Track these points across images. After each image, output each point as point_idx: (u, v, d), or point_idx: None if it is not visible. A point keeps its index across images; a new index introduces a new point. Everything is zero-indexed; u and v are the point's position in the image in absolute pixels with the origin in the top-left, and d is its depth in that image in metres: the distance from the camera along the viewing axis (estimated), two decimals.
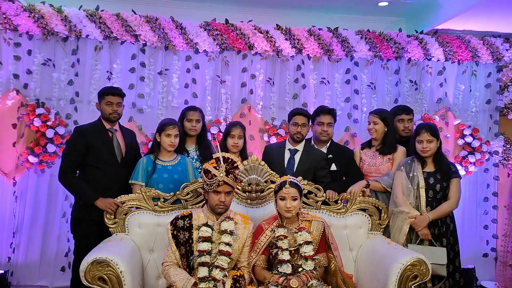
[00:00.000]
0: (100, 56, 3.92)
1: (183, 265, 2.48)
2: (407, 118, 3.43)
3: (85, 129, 3.04)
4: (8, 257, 3.75)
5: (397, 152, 3.23)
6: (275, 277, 2.47)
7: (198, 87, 4.11)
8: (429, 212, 2.94)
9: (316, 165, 3.17)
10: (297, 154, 3.22)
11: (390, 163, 3.22)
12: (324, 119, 3.28)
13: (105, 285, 2.33)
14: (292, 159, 3.21)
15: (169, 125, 3.00)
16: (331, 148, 3.34)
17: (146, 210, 2.88)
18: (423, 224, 2.90)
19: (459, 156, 4.37)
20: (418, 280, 2.51)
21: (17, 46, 3.79)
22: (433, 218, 2.91)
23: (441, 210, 2.94)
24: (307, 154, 3.20)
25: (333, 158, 3.28)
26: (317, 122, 3.31)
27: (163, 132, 2.99)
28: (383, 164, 3.23)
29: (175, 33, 3.99)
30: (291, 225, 2.63)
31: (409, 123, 3.45)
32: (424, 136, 2.97)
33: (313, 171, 3.16)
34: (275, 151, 3.28)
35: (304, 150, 3.22)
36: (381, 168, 3.23)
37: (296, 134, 3.19)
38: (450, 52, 4.36)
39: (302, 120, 3.21)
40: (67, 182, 2.98)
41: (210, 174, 2.47)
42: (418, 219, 2.91)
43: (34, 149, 3.73)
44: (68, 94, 3.86)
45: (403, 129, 3.43)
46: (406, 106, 3.61)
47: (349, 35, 4.25)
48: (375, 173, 3.25)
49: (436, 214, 2.93)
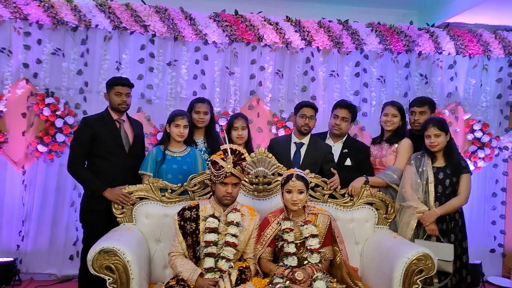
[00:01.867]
0: (109, 46, 3.92)
1: (189, 255, 2.50)
2: (418, 110, 3.28)
3: (92, 120, 3.04)
4: (17, 245, 3.81)
5: (401, 144, 3.16)
6: (281, 269, 2.49)
7: (206, 79, 4.10)
8: (438, 208, 2.91)
9: (322, 158, 3.15)
10: (303, 148, 3.20)
11: (394, 155, 3.17)
12: (340, 112, 3.22)
13: (112, 274, 2.35)
14: (298, 153, 3.19)
15: (178, 115, 3.01)
16: (347, 143, 3.28)
17: (153, 201, 2.90)
18: (430, 219, 2.88)
19: (468, 151, 4.34)
20: (423, 275, 2.51)
21: (27, 35, 3.81)
22: (441, 213, 2.89)
23: (450, 206, 2.91)
24: (313, 147, 3.18)
25: (348, 153, 3.24)
26: (333, 115, 3.27)
27: (173, 122, 3.01)
28: (387, 156, 3.20)
29: (184, 24, 3.98)
30: (297, 218, 2.63)
31: (421, 116, 3.26)
32: (431, 130, 2.93)
33: (320, 165, 3.15)
34: (281, 144, 3.26)
35: (310, 143, 3.19)
36: (384, 160, 3.20)
37: (303, 126, 3.16)
38: (461, 46, 4.30)
39: (310, 112, 3.18)
40: (75, 173, 2.99)
41: (217, 166, 2.48)
42: (425, 214, 2.89)
43: (43, 138, 3.76)
44: (77, 84, 3.88)
45: (413, 121, 3.32)
46: (422, 98, 3.41)
47: (359, 27, 4.21)
48: (379, 165, 3.23)
49: (445, 209, 2.90)
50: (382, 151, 3.24)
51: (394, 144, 3.19)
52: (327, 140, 3.32)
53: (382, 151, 3.24)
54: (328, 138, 3.34)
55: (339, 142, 3.28)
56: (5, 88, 3.74)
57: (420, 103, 3.30)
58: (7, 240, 3.82)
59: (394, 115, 3.20)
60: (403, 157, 3.13)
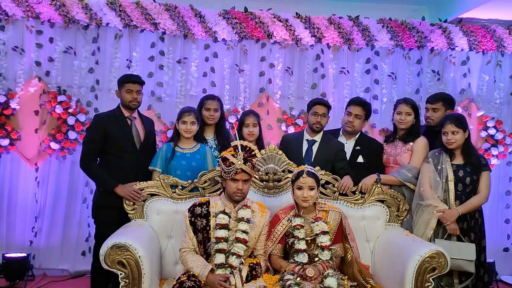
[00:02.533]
0: (120, 44, 3.95)
1: (200, 251, 2.51)
2: (431, 107, 3.22)
3: (104, 117, 3.07)
4: (30, 240, 3.85)
5: (417, 143, 3.08)
6: (291, 266, 2.48)
7: (216, 76, 4.11)
8: (459, 206, 2.83)
9: (334, 156, 3.13)
10: (315, 145, 3.18)
11: (409, 154, 3.10)
12: (353, 109, 3.18)
13: (124, 269, 2.37)
14: (310, 150, 3.17)
15: (185, 112, 3.03)
16: (359, 140, 3.25)
17: (164, 197, 2.91)
18: (452, 218, 2.80)
19: (482, 149, 4.27)
20: (436, 273, 2.48)
21: (39, 33, 3.85)
22: (462, 212, 2.81)
23: (471, 204, 2.84)
24: (325, 145, 3.16)
25: (360, 151, 3.21)
26: (346, 112, 3.24)
27: (180, 119, 3.03)
28: (401, 154, 3.12)
29: (194, 22, 3.98)
30: (308, 215, 2.63)
31: (434, 113, 3.20)
32: (448, 127, 2.85)
33: (332, 162, 3.13)
34: (292, 141, 3.25)
35: (322, 140, 3.17)
36: (399, 158, 3.12)
37: (315, 124, 3.13)
38: (474, 42, 4.24)
39: (322, 110, 3.14)
40: (87, 169, 3.03)
41: (228, 162, 2.48)
42: (446, 213, 2.81)
43: (56, 135, 3.80)
44: (88, 81, 3.91)
45: (426, 118, 3.27)
46: (437, 95, 3.33)
47: (370, 23, 4.18)
48: (393, 164, 3.16)
49: (466, 208, 2.82)
50: (396, 149, 3.16)
51: (409, 143, 3.12)
52: (340, 137, 3.29)
53: (397, 150, 3.16)
54: (341, 135, 3.31)
55: (352, 140, 3.26)
56: (17, 86, 3.79)
57: (433, 100, 3.24)
58: (21, 236, 3.87)
59: (407, 113, 3.11)
60: (419, 156, 3.05)
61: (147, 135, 3.15)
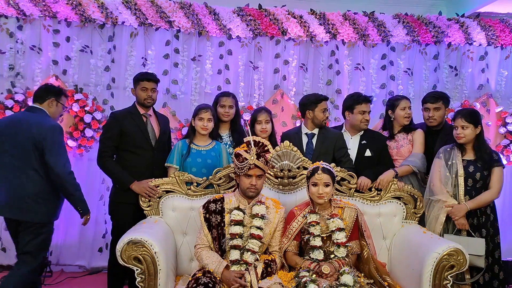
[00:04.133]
0: (136, 42, 3.98)
1: (215, 248, 2.51)
2: (432, 107, 3.22)
3: (120, 115, 3.10)
4: None
5: (416, 133, 3.22)
6: (307, 263, 2.47)
7: (231, 73, 4.11)
8: (468, 201, 2.83)
9: (334, 144, 3.13)
10: (314, 138, 3.20)
11: (411, 145, 3.21)
12: (366, 107, 3.20)
13: (140, 265, 2.38)
14: (310, 143, 3.19)
15: (202, 109, 3.04)
16: (365, 134, 3.26)
17: (179, 194, 2.92)
18: (460, 213, 2.80)
19: (501, 145, 4.19)
20: (454, 270, 2.44)
21: (56, 33, 3.90)
22: (471, 207, 2.81)
23: (481, 200, 2.83)
24: (323, 136, 3.18)
25: (367, 144, 3.21)
26: (359, 110, 3.20)
27: (197, 116, 3.03)
28: (404, 146, 3.22)
29: (209, 19, 3.99)
30: (324, 211, 2.61)
31: (436, 112, 3.22)
32: (458, 121, 2.86)
33: (332, 152, 3.13)
34: (292, 136, 3.23)
35: (320, 132, 3.19)
36: (402, 150, 3.22)
37: (323, 120, 3.18)
38: (492, 36, 4.16)
39: (327, 106, 3.24)
40: (104, 166, 3.06)
41: (241, 158, 2.48)
42: (455, 208, 2.81)
43: (72, 133, 3.85)
44: (104, 80, 3.96)
45: (427, 118, 3.26)
46: (436, 93, 3.35)
47: (385, 19, 4.13)
48: (397, 156, 3.24)
49: (475, 203, 2.82)
50: (398, 142, 3.26)
51: (409, 134, 3.24)
52: (344, 133, 3.29)
53: (398, 142, 3.26)
54: (345, 131, 3.30)
55: (357, 135, 3.26)
56: (35, 84, 3.84)
57: (434, 99, 3.24)
58: None
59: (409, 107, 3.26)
60: (420, 145, 3.19)
61: (162, 132, 3.18)
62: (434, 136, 3.25)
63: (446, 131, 3.23)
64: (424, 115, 3.32)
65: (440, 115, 3.24)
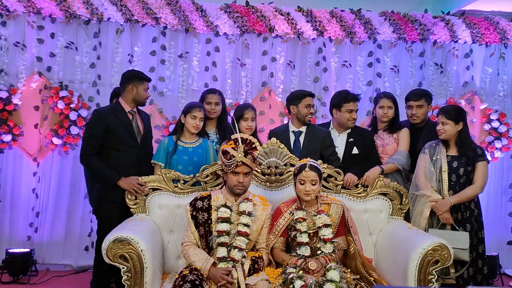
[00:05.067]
0: (122, 39, 3.94)
1: (202, 245, 2.51)
2: (415, 104, 3.25)
3: (105, 112, 3.03)
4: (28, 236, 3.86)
5: (402, 132, 3.24)
6: (294, 259, 2.48)
7: (218, 70, 4.10)
8: (451, 196, 2.87)
9: (321, 143, 3.13)
10: (301, 136, 3.19)
11: (396, 143, 3.24)
12: (354, 106, 3.21)
13: (126, 263, 2.37)
14: (298, 141, 3.18)
15: (196, 107, 3.02)
16: (352, 132, 3.27)
17: (166, 192, 2.91)
18: (444, 208, 2.84)
19: (485, 141, 4.25)
20: (439, 265, 2.47)
21: (40, 29, 3.85)
22: (454, 202, 2.85)
23: (464, 195, 2.87)
24: (311, 134, 3.17)
25: (354, 142, 3.22)
26: (347, 109, 3.20)
27: (189, 113, 3.00)
28: (390, 144, 3.25)
29: (196, 16, 3.97)
30: (310, 208, 2.62)
31: (419, 109, 3.26)
32: (439, 118, 2.94)
33: (320, 151, 3.13)
34: (279, 134, 3.21)
35: (307, 130, 3.19)
36: (388, 148, 3.25)
37: (307, 116, 3.17)
38: (477, 34, 4.21)
39: (312, 102, 3.22)
40: (89, 164, 2.98)
41: (228, 155, 2.47)
42: (439, 203, 2.85)
43: (58, 131, 3.80)
44: (90, 77, 3.91)
45: (411, 115, 3.30)
46: (418, 91, 3.40)
47: (372, 16, 4.15)
48: (382, 154, 3.26)
49: (459, 198, 2.86)
50: (383, 140, 3.28)
51: (394, 133, 3.27)
52: (331, 130, 3.30)
53: (384, 140, 3.28)
54: (332, 129, 3.31)
55: (344, 133, 3.26)
56: (19, 81, 3.79)
57: (417, 97, 3.28)
58: (24, 232, 3.88)
59: (389, 107, 3.25)
60: (405, 143, 3.22)
61: (146, 129, 3.14)
62: (418, 133, 3.28)
63: (429, 128, 3.27)
64: (407, 113, 3.35)
65: (423, 113, 3.28)
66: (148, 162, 3.04)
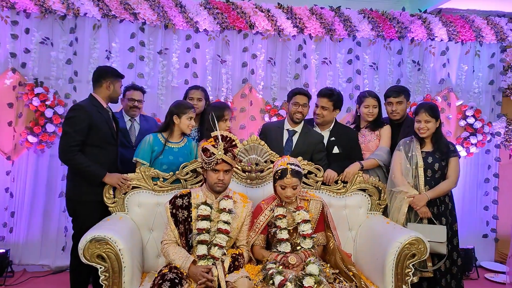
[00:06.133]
0: (99, 35, 3.87)
1: (182, 243, 2.49)
2: (395, 101, 3.31)
3: (88, 107, 2.87)
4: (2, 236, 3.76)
5: (384, 128, 3.29)
6: (274, 255, 2.48)
7: (198, 67, 4.06)
8: (428, 191, 2.94)
9: (313, 148, 3.13)
10: (295, 136, 3.18)
11: (378, 140, 3.27)
12: (319, 101, 3.20)
13: (104, 263, 2.33)
14: (290, 140, 3.17)
15: (190, 108, 2.97)
16: (334, 130, 3.27)
17: (145, 190, 2.87)
18: (421, 202, 2.90)
19: (461, 137, 4.35)
20: (416, 259, 2.52)
21: (14, 24, 3.74)
22: (431, 197, 2.91)
23: (440, 189, 2.94)
24: (305, 136, 3.16)
25: (335, 141, 3.22)
26: (315, 103, 3.26)
27: (185, 115, 2.93)
28: (372, 141, 3.29)
29: (175, 12, 3.92)
30: (290, 205, 2.63)
31: (398, 105, 3.31)
32: (422, 116, 2.95)
33: (311, 153, 3.13)
34: (272, 130, 3.23)
35: (302, 132, 3.17)
36: (370, 145, 3.29)
37: (295, 114, 3.13)
38: (453, 32, 4.29)
39: (303, 100, 3.14)
40: (71, 160, 2.80)
41: (208, 153, 2.46)
42: (416, 198, 2.90)
43: (33, 129, 3.71)
44: (66, 73, 3.83)
45: (391, 112, 3.36)
46: (397, 87, 3.45)
47: (351, 14, 4.18)
48: (365, 150, 3.29)
49: (435, 193, 2.93)
50: (365, 137, 3.32)
51: (376, 131, 3.31)
52: (314, 127, 3.31)
53: (366, 137, 3.31)
54: (315, 126, 3.33)
55: (326, 130, 3.28)
56: None
57: (396, 94, 3.33)
58: None
59: (374, 106, 3.29)
60: (387, 139, 3.27)
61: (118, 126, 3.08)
62: (397, 129, 3.33)
63: (407, 123, 3.32)
64: (387, 109, 3.39)
65: (402, 109, 3.34)
66: (123, 160, 2.99)
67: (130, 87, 3.49)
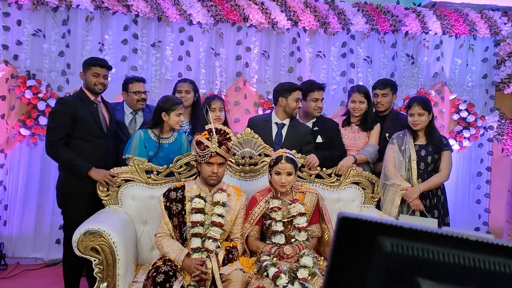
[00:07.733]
0: (92, 27, 3.83)
1: (176, 236, 2.49)
2: (380, 93, 3.40)
3: (71, 100, 2.90)
4: None
5: (374, 128, 3.34)
6: (268, 247, 2.50)
7: (192, 60, 4.04)
8: (420, 184, 2.96)
9: (302, 139, 3.16)
10: (284, 128, 3.19)
11: (367, 138, 3.33)
12: (319, 95, 3.27)
13: (98, 256, 2.33)
14: (280, 134, 3.18)
15: (178, 104, 2.93)
16: (317, 121, 3.34)
17: (139, 183, 2.87)
18: (414, 195, 2.92)
19: (454, 131, 4.38)
20: None
21: (6, 16, 3.70)
22: (424, 189, 2.94)
23: (432, 182, 2.97)
24: (293, 128, 3.18)
25: (319, 131, 3.29)
26: (312, 98, 3.27)
27: (174, 111, 2.90)
28: (362, 138, 3.33)
29: (168, 4, 3.89)
30: (285, 197, 2.64)
31: (383, 98, 3.39)
32: (415, 109, 2.97)
33: (300, 146, 3.15)
34: (260, 124, 3.22)
35: (290, 124, 3.19)
36: (359, 142, 3.33)
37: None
38: (447, 26, 4.30)
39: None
40: (57, 155, 2.83)
41: (202, 146, 2.46)
42: (409, 191, 2.93)
43: (26, 121, 3.68)
44: (59, 65, 3.79)
45: (376, 103, 3.42)
46: (384, 80, 3.54)
47: (345, 7, 4.17)
48: (353, 147, 3.32)
49: (427, 185, 2.96)
50: (354, 133, 3.35)
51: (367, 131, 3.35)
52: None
53: (355, 134, 3.35)
54: (298, 118, 3.36)
55: (309, 122, 3.33)
56: None
57: (382, 86, 3.42)
58: None
59: (361, 101, 3.30)
60: (376, 136, 3.33)
61: (112, 120, 3.07)
62: (381, 121, 3.40)
63: (392, 116, 3.43)
64: (373, 101, 3.45)
65: (387, 101, 3.42)
66: (114, 154, 2.97)
67: (132, 79, 3.33)
